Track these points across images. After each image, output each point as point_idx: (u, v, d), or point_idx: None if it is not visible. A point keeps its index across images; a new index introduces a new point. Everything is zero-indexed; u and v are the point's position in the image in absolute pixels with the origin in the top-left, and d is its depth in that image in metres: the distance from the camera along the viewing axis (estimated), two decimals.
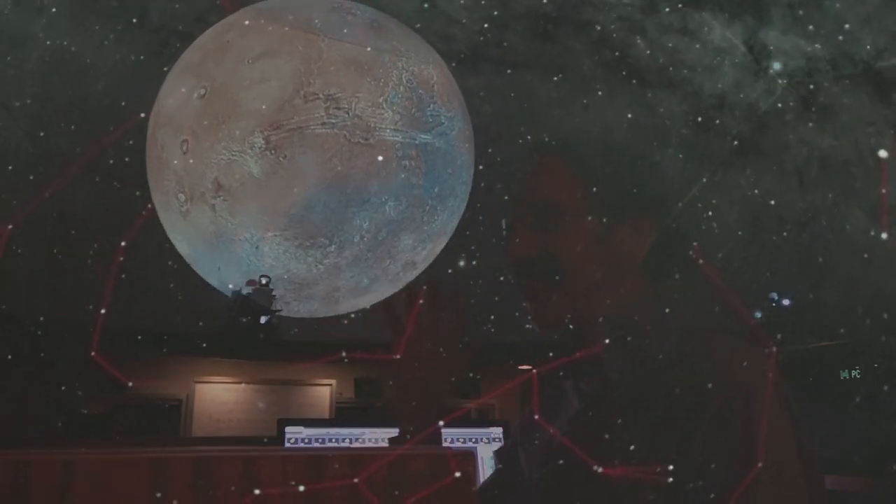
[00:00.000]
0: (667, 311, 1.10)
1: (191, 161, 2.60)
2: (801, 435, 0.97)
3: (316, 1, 2.79)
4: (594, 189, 1.13)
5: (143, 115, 2.66)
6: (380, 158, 2.53)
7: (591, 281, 1.14)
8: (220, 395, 6.57)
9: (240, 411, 6.58)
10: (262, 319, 3.23)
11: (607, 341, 1.05)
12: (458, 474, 0.70)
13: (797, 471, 0.93)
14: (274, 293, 2.96)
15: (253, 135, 2.52)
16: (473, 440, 4.77)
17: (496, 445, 4.60)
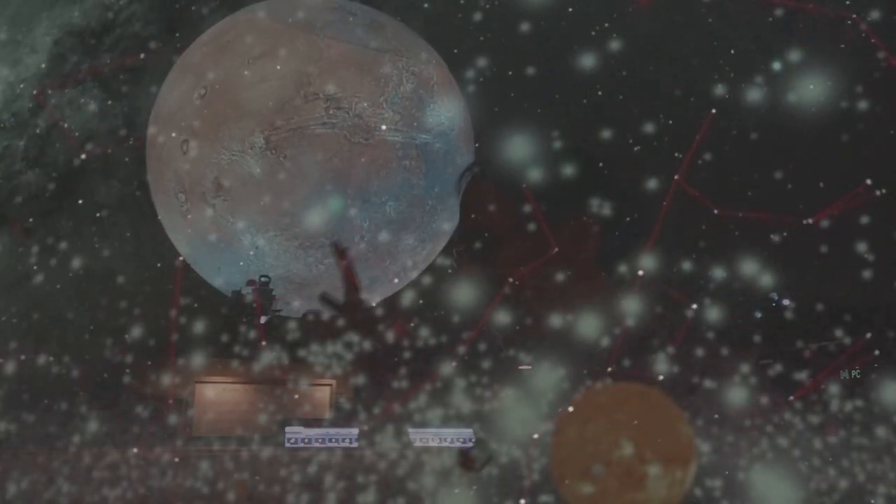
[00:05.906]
0: None
1: (191, 161, 2.61)
2: None
3: (316, 1, 2.80)
4: None
5: (181, 258, 2.99)
6: (379, 159, 2.54)
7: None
8: (220, 395, 6.60)
9: (240, 411, 6.61)
10: (262, 319, 3.23)
11: None
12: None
13: None
14: (274, 293, 2.96)
15: (253, 135, 2.52)
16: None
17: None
